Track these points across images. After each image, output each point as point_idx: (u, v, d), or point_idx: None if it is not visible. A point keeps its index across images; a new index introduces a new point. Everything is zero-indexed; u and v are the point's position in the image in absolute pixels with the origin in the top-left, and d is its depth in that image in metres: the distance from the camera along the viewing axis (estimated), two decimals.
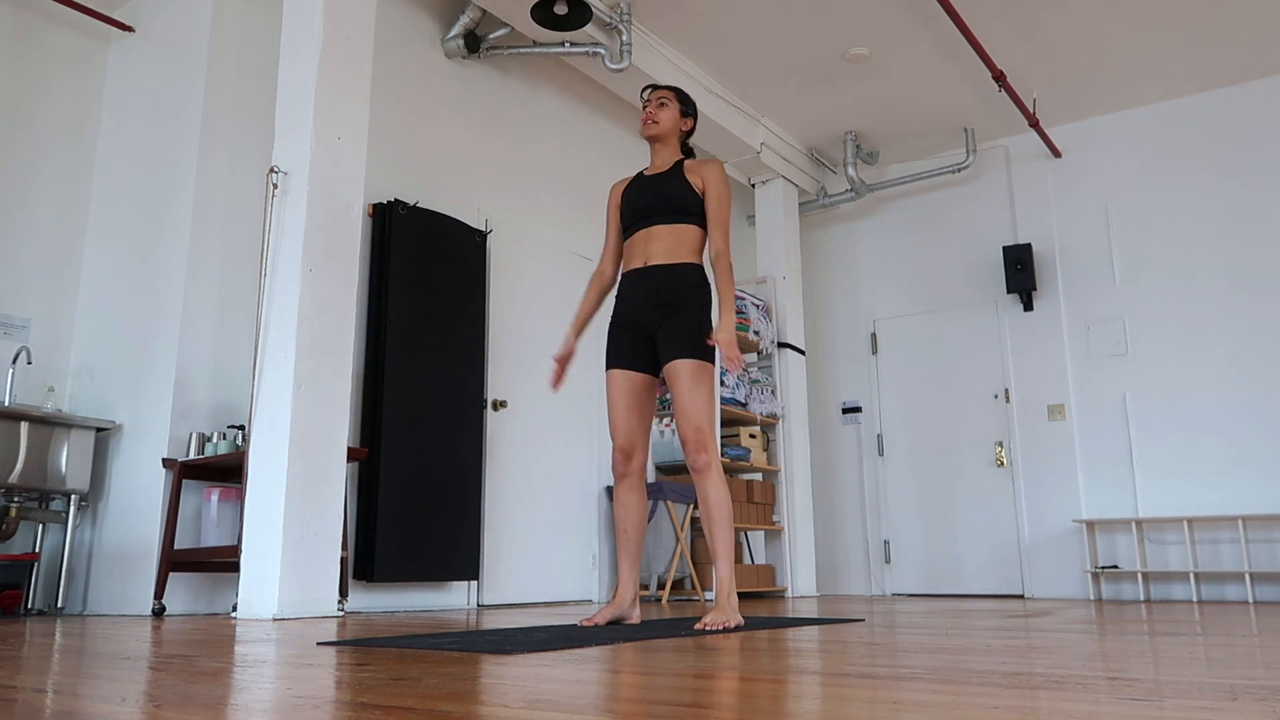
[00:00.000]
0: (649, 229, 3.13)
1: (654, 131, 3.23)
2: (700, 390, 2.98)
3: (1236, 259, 6.43)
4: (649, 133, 3.24)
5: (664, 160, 3.25)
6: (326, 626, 3.06)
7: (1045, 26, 5.90)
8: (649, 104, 3.26)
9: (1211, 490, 6.29)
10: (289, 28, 4.15)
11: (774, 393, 6.93)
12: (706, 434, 2.96)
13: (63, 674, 1.64)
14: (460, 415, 4.97)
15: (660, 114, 3.23)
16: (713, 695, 1.33)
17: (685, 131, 3.29)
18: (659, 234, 3.11)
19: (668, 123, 3.23)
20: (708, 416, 2.98)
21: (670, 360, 3.01)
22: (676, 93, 3.28)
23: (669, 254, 3.09)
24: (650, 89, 3.31)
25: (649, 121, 3.23)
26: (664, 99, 3.25)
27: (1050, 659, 1.83)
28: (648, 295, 3.08)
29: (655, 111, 3.23)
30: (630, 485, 3.12)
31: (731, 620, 2.83)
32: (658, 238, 3.11)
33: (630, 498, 3.11)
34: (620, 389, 3.13)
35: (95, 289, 4.83)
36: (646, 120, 3.24)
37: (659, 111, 3.23)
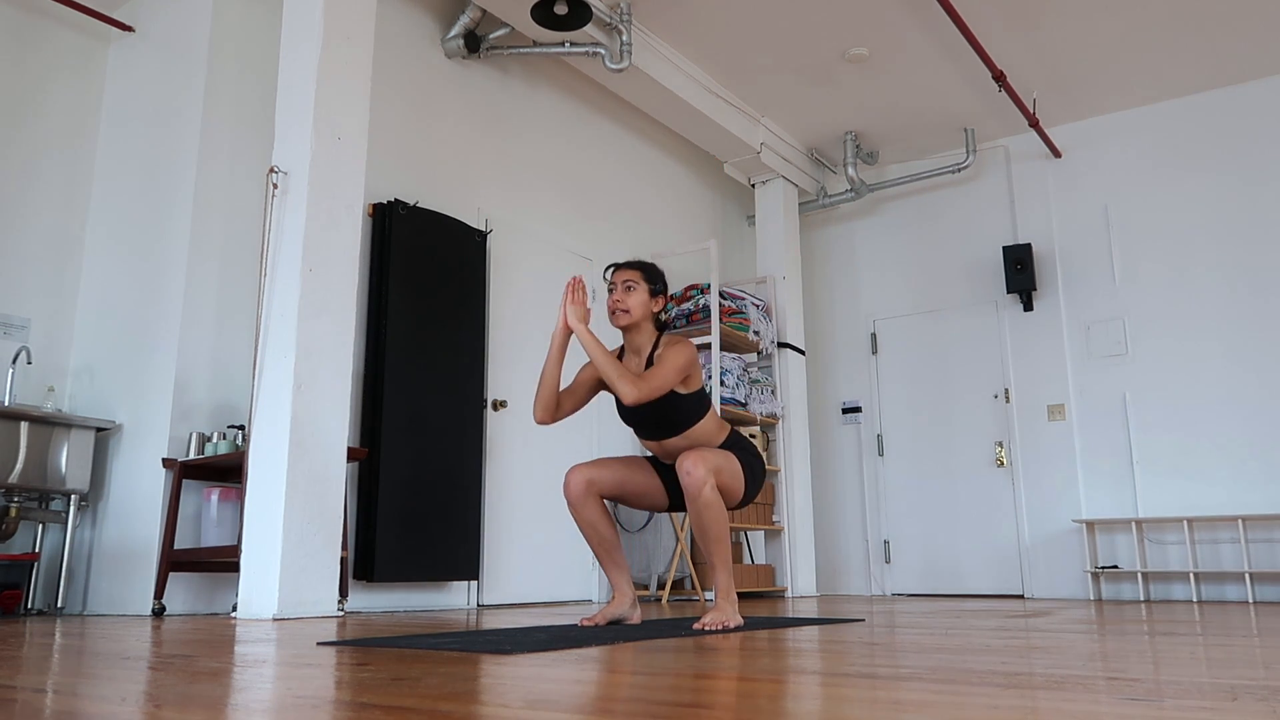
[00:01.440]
0: (661, 443, 3.07)
1: (625, 322, 3.01)
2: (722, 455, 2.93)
3: (1236, 259, 6.43)
4: (619, 324, 3.01)
5: (638, 347, 3.05)
6: (326, 626, 3.06)
7: (1045, 26, 5.90)
8: (614, 288, 3.02)
9: (1211, 490, 6.29)
10: (289, 28, 4.15)
11: (774, 393, 6.93)
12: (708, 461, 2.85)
13: (63, 674, 1.64)
14: (460, 415, 4.97)
15: (629, 300, 3.00)
16: (713, 695, 1.33)
17: (657, 312, 3.08)
18: (676, 445, 3.05)
19: (638, 310, 3.01)
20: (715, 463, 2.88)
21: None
22: (643, 271, 3.05)
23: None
24: (613, 269, 3.07)
25: (618, 311, 3.00)
26: (630, 282, 3.01)
27: (1050, 659, 1.83)
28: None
29: (624, 298, 3.00)
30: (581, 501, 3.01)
31: (731, 620, 2.83)
32: (677, 448, 3.05)
33: (588, 514, 3.01)
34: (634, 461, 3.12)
35: (95, 289, 4.83)
36: (615, 309, 3.01)
37: (627, 298, 3.00)
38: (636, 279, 3.03)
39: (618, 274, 3.05)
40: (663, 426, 3.01)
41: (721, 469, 2.89)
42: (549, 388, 3.02)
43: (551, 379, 3.02)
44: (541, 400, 3.03)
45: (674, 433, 3.02)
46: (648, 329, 3.06)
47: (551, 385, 3.02)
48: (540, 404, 3.03)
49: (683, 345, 2.95)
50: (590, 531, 3.03)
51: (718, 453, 2.92)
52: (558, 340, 3.01)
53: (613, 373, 2.87)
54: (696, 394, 3.01)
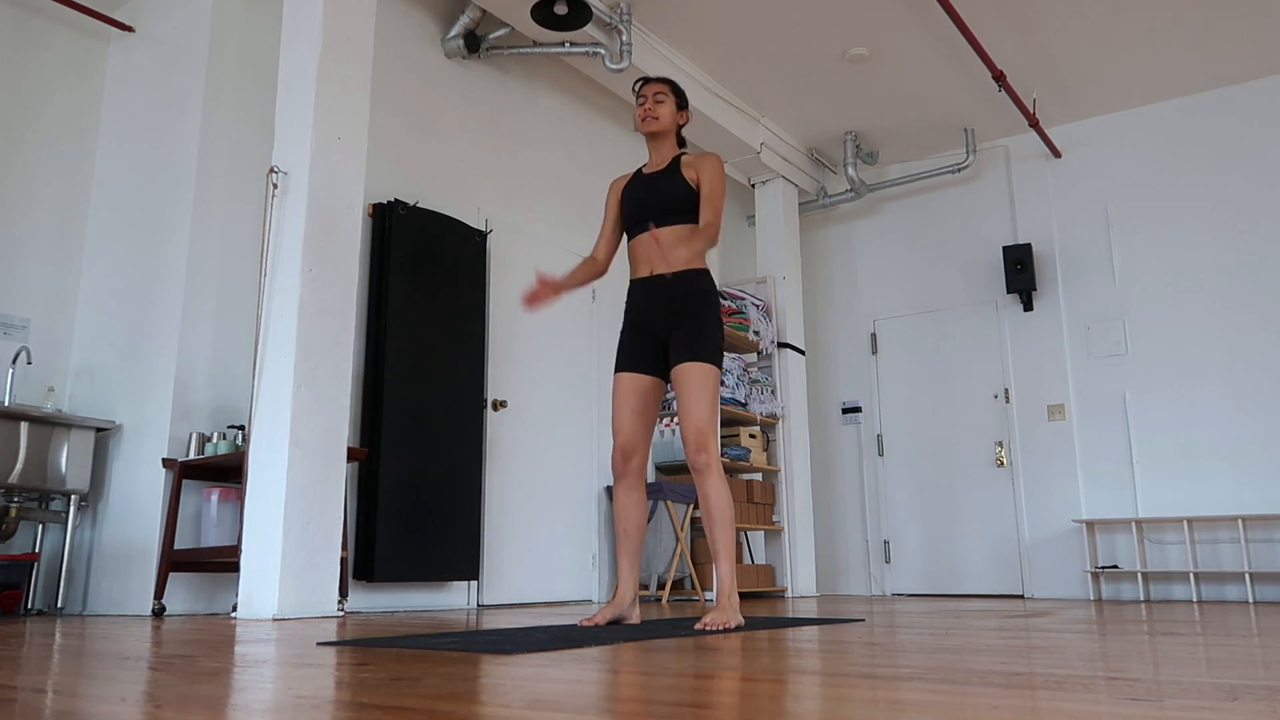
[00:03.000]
0: (657, 230, 3.12)
1: (654, 128, 3.21)
2: (705, 394, 2.99)
3: (1236, 259, 6.43)
4: (650, 129, 3.21)
5: (662, 156, 3.24)
6: (326, 626, 3.06)
7: (1045, 26, 5.90)
8: (645, 99, 3.23)
9: (1211, 490, 6.29)
10: (289, 28, 4.15)
11: (774, 393, 6.93)
12: (708, 435, 2.97)
13: (63, 674, 1.64)
14: (460, 415, 4.97)
15: (659, 110, 3.21)
16: (713, 695, 1.33)
17: (681, 125, 3.30)
18: (667, 236, 3.11)
19: (667, 118, 3.22)
20: (710, 418, 2.99)
21: (679, 363, 3.03)
22: (671, 86, 3.27)
23: (678, 259, 3.10)
24: (642, 82, 3.28)
25: (648, 118, 3.21)
26: (660, 94, 3.23)
27: (1050, 659, 1.83)
28: (657, 304, 3.10)
29: (654, 108, 3.21)
30: (629, 485, 3.12)
31: (732, 620, 2.83)
32: (666, 239, 3.11)
33: (629, 498, 3.12)
34: (627, 390, 3.14)
35: (95, 289, 4.83)
36: (645, 116, 3.21)
37: (658, 108, 3.21)
38: (665, 92, 3.24)
39: (648, 86, 3.25)
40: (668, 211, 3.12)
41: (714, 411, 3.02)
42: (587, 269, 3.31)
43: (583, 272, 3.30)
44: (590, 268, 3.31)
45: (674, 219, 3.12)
46: (671, 139, 3.26)
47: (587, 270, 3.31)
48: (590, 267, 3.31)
49: (716, 161, 3.15)
50: (624, 512, 3.13)
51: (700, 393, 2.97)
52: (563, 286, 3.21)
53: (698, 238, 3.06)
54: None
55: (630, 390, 3.14)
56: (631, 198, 3.21)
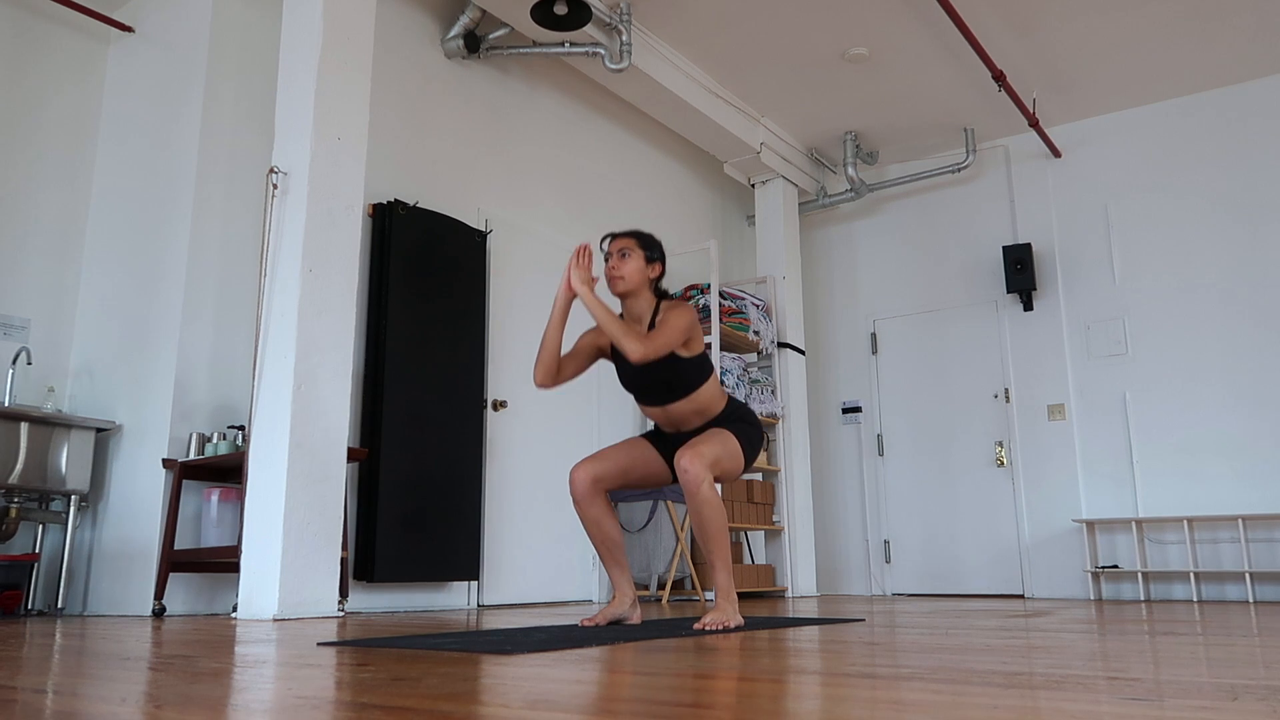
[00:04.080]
0: (664, 408, 3.07)
1: (621, 289, 3.02)
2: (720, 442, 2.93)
3: (1236, 259, 6.43)
4: (616, 291, 3.03)
5: (639, 313, 3.06)
6: (327, 627, 3.06)
7: (1045, 26, 5.90)
8: (610, 256, 3.04)
9: (1211, 490, 6.29)
10: (289, 28, 4.15)
11: (774, 393, 6.93)
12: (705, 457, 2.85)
13: (63, 674, 1.64)
14: (460, 415, 4.97)
15: (624, 267, 3.01)
16: (713, 695, 1.33)
17: (654, 279, 3.09)
18: (678, 409, 3.05)
19: (635, 277, 3.02)
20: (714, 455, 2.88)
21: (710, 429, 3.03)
22: (638, 239, 3.06)
23: (699, 418, 3.07)
24: (610, 238, 3.08)
25: (614, 278, 3.01)
26: (625, 249, 3.03)
27: (1050, 659, 1.83)
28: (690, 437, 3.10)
29: (619, 265, 3.01)
30: (588, 499, 3.01)
31: (731, 620, 2.83)
32: (679, 412, 3.06)
33: (593, 511, 3.02)
34: (636, 446, 3.12)
35: (95, 289, 4.83)
36: (611, 277, 3.02)
37: (622, 265, 3.01)
38: (631, 246, 3.05)
39: (614, 243, 3.07)
40: (665, 391, 3.02)
41: (719, 459, 2.90)
42: (550, 350, 3.03)
43: (553, 342, 3.04)
44: (543, 362, 3.04)
45: (676, 397, 3.03)
46: (646, 296, 3.07)
47: (553, 348, 3.04)
48: (541, 366, 3.04)
49: (684, 308, 2.97)
50: (595, 529, 3.04)
51: (714, 441, 2.92)
52: (560, 303, 3.03)
53: (618, 331, 2.87)
54: (698, 358, 3.03)
55: (638, 449, 3.12)
56: (625, 374, 3.07)
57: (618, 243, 3.06)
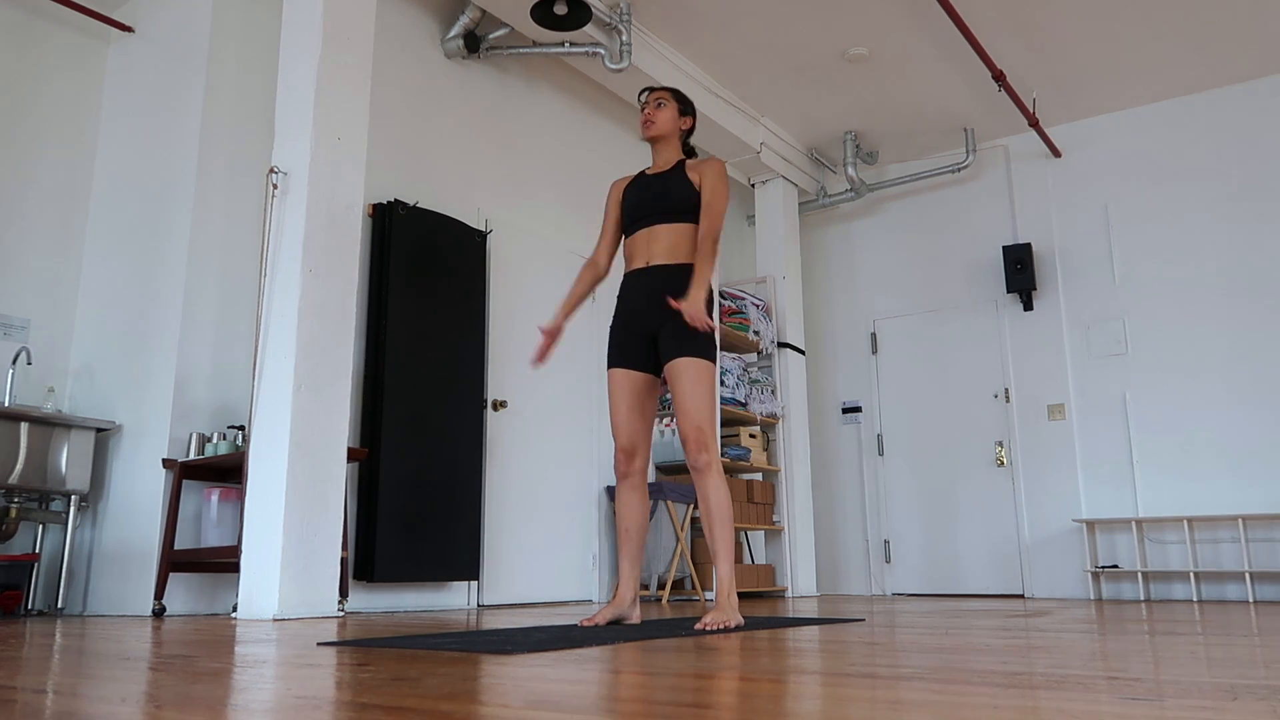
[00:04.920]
0: (650, 228, 3.14)
1: (653, 132, 3.24)
2: (701, 389, 2.98)
3: (1236, 258, 6.43)
4: (648, 134, 3.25)
5: (665, 160, 3.26)
6: (327, 627, 3.06)
7: (1045, 26, 5.90)
8: (646, 105, 3.28)
9: (1211, 490, 6.29)
10: (289, 28, 4.15)
11: (774, 393, 6.93)
12: (707, 433, 2.96)
13: (63, 674, 1.64)
14: (460, 415, 4.97)
15: (658, 114, 3.24)
16: (713, 695, 1.33)
17: (685, 130, 3.30)
18: (660, 233, 3.12)
19: (666, 123, 3.24)
20: (708, 416, 2.98)
21: (672, 359, 3.01)
22: (674, 93, 3.30)
23: (670, 253, 3.10)
24: (647, 91, 3.32)
25: (647, 123, 3.25)
26: (661, 99, 3.26)
27: (1050, 659, 1.83)
28: (649, 295, 3.07)
29: (653, 113, 3.25)
30: (632, 485, 3.12)
31: (731, 620, 2.83)
32: (659, 237, 3.12)
33: (632, 497, 3.12)
34: (622, 388, 3.13)
35: (95, 289, 4.83)
36: (645, 121, 3.26)
37: (657, 112, 3.24)
38: (667, 98, 3.27)
39: (651, 94, 3.29)
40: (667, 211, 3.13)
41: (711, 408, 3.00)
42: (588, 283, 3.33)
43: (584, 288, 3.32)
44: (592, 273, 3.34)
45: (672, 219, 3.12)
46: (674, 144, 3.28)
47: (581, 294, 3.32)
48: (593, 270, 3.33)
49: (719, 165, 3.14)
50: (626, 511, 3.13)
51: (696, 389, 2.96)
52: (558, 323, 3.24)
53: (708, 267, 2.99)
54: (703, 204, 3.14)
55: (624, 387, 3.13)
56: (633, 197, 3.22)
57: (655, 94, 3.29)
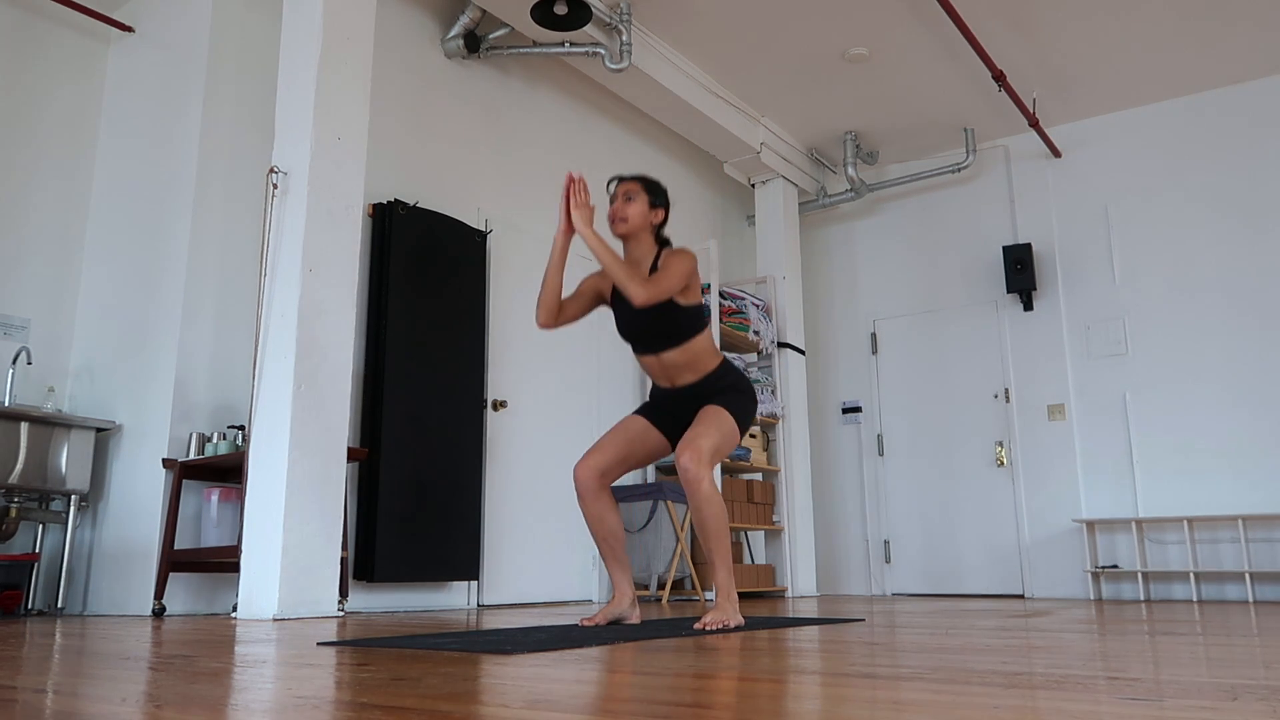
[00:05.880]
0: (658, 356, 3.04)
1: (622, 230, 3.03)
2: (718, 428, 2.92)
3: (1236, 258, 6.43)
4: (618, 232, 3.03)
5: (639, 257, 3.06)
6: (326, 626, 3.06)
7: (1045, 26, 5.90)
8: (615, 199, 3.05)
9: (1211, 490, 6.29)
10: (289, 28, 4.15)
11: (774, 393, 6.93)
12: (705, 453, 2.85)
13: (63, 674, 1.64)
14: (460, 415, 4.97)
15: (628, 210, 3.02)
16: (713, 695, 1.33)
17: (657, 224, 3.08)
18: (672, 359, 3.02)
19: (637, 219, 3.02)
20: (712, 447, 2.88)
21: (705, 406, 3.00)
22: (644, 184, 3.07)
23: (692, 372, 3.03)
24: (616, 181, 3.10)
25: (617, 220, 3.02)
26: (630, 192, 3.04)
27: (1050, 659, 1.83)
28: (683, 403, 3.07)
29: (622, 207, 3.02)
30: (593, 495, 3.00)
31: (731, 620, 2.83)
32: (672, 363, 3.03)
33: (597, 507, 3.01)
34: (630, 427, 3.10)
35: (95, 289, 4.83)
36: (613, 218, 3.03)
37: (626, 208, 3.02)
38: (637, 190, 3.05)
39: (620, 185, 3.08)
40: (662, 338, 3.01)
41: (719, 449, 2.90)
42: (552, 291, 3.03)
43: (554, 282, 3.03)
44: (544, 303, 3.04)
45: (672, 344, 3.01)
46: (647, 240, 3.06)
47: (554, 289, 3.04)
48: (543, 307, 3.04)
49: (685, 253, 2.97)
50: (598, 526, 3.03)
51: (711, 427, 2.91)
52: (559, 243, 3.01)
53: (622, 273, 2.86)
54: (695, 307, 3.03)
55: (633, 429, 3.09)
56: (623, 319, 3.05)
57: (624, 186, 3.07)
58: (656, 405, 3.15)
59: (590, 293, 3.13)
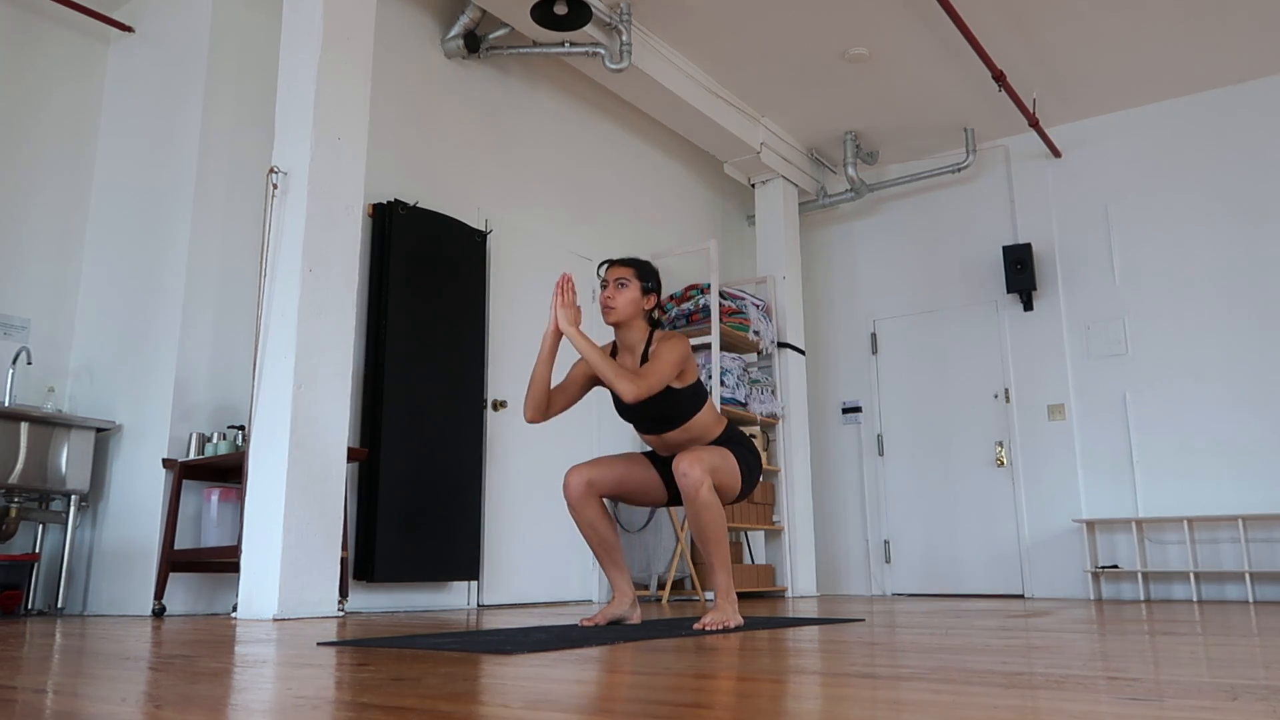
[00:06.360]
0: (660, 437, 3.06)
1: (614, 320, 3.01)
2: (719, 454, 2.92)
3: (1237, 259, 6.43)
4: (609, 320, 3.02)
5: (632, 343, 3.06)
6: (326, 627, 3.06)
7: (1045, 26, 5.90)
8: (607, 284, 3.02)
9: (1211, 490, 6.29)
10: (289, 28, 4.15)
11: (774, 393, 6.93)
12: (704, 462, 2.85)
13: (63, 674, 1.64)
14: (460, 415, 4.97)
15: (619, 297, 3.00)
16: (713, 695, 1.33)
17: (649, 310, 3.06)
18: (675, 439, 3.04)
19: (628, 308, 3.00)
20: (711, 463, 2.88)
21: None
22: (636, 269, 3.05)
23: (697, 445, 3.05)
24: (606, 265, 3.07)
25: (607, 308, 3.01)
26: (623, 279, 3.01)
27: (1050, 659, 1.83)
28: None
29: (614, 294, 3.00)
30: (582, 502, 3.00)
31: (731, 620, 2.83)
32: (676, 441, 3.05)
33: (587, 514, 3.01)
34: (633, 458, 3.11)
35: (95, 289, 4.83)
36: (605, 307, 3.01)
37: (618, 295, 3.00)
38: (629, 276, 3.02)
39: (610, 271, 3.05)
40: (661, 421, 3.02)
41: (718, 468, 2.89)
42: (539, 388, 3.01)
43: (542, 379, 3.01)
44: (532, 400, 3.01)
45: (672, 426, 3.02)
46: (639, 326, 3.05)
47: (542, 385, 3.01)
48: (530, 404, 3.01)
49: (676, 340, 2.95)
50: (590, 532, 3.03)
51: (714, 451, 2.92)
52: (548, 341, 2.99)
53: (610, 372, 2.85)
54: (692, 387, 3.01)
55: (637, 463, 3.11)
56: (620, 404, 3.04)
57: (615, 271, 3.04)
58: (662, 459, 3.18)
59: (581, 379, 3.10)
